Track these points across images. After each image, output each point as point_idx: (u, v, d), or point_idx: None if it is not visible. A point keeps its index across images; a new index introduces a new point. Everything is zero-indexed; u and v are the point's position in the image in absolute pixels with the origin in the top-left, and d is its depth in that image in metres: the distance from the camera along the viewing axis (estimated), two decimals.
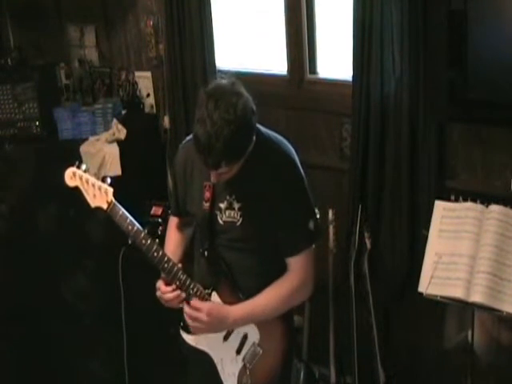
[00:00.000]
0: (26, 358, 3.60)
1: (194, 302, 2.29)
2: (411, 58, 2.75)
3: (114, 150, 3.48)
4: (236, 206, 2.25)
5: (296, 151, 2.30)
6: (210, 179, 2.23)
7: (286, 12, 3.36)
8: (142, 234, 2.29)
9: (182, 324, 2.41)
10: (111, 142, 3.53)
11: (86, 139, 3.55)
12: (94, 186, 2.29)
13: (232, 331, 2.35)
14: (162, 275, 2.35)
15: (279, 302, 2.28)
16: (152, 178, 3.77)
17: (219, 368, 2.38)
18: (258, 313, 2.28)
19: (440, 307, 2.81)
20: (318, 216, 2.36)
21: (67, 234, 3.56)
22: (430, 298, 2.40)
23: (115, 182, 2.33)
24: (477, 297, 2.30)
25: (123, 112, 3.82)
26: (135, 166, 3.61)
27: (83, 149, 3.49)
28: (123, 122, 3.64)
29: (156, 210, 3.43)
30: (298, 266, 2.27)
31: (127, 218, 2.28)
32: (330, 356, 3.13)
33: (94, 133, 3.60)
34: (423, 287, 2.41)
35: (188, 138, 2.38)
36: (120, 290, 3.34)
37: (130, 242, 3.31)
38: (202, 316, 2.24)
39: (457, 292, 2.34)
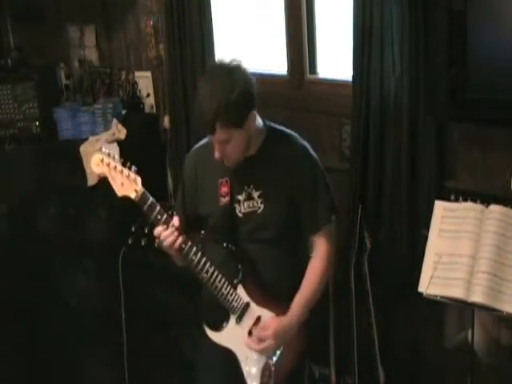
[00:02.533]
0: (25, 358, 3.60)
1: (257, 330, 2.35)
2: (411, 58, 2.75)
3: (113, 150, 3.48)
4: (255, 194, 2.34)
5: None
6: (223, 176, 2.33)
7: (286, 12, 3.36)
8: (172, 223, 2.29)
9: (206, 320, 2.43)
10: (111, 141, 3.53)
11: (86, 139, 3.55)
12: (122, 173, 2.24)
13: (257, 323, 2.37)
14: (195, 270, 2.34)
15: (319, 283, 2.41)
16: (152, 178, 3.75)
17: (243, 365, 2.39)
18: (310, 300, 2.39)
19: (440, 307, 2.81)
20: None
21: (67, 234, 3.56)
22: (430, 297, 2.40)
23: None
24: (477, 297, 2.29)
25: (123, 112, 3.82)
26: (135, 166, 3.61)
27: (83, 149, 3.49)
28: (123, 122, 3.64)
29: None
30: (322, 240, 2.41)
31: (156, 207, 2.26)
32: (330, 356, 3.13)
33: (94, 133, 3.60)
34: (423, 287, 2.40)
35: (195, 146, 2.50)
36: (120, 290, 3.34)
37: (130, 242, 3.34)
38: (269, 333, 2.31)
39: (457, 292, 2.34)
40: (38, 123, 3.62)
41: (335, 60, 3.35)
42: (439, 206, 2.52)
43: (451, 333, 2.95)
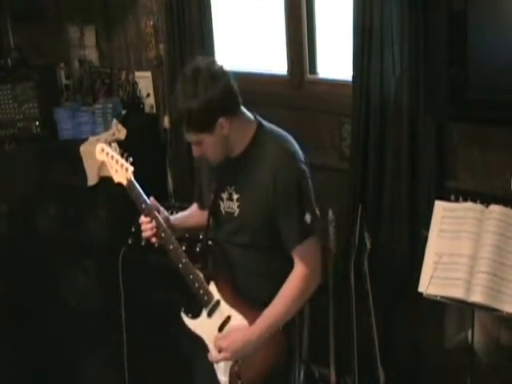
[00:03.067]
0: (25, 358, 3.60)
1: (216, 338, 2.37)
2: (411, 58, 2.75)
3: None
4: (235, 196, 2.35)
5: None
6: (214, 171, 2.38)
7: (286, 12, 3.36)
8: (153, 214, 2.40)
9: (183, 309, 2.51)
10: (111, 141, 3.52)
11: (86, 139, 3.55)
12: (117, 162, 2.48)
13: (227, 322, 2.39)
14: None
15: (293, 301, 2.33)
16: (152, 178, 3.75)
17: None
18: (279, 319, 2.33)
19: (440, 307, 2.81)
20: (317, 211, 2.36)
21: (67, 234, 3.56)
22: (430, 297, 2.40)
23: (115, 182, 2.40)
24: (477, 297, 2.30)
25: (123, 112, 3.82)
26: (135, 166, 3.60)
27: (83, 149, 3.49)
28: (123, 122, 3.63)
29: None
30: (300, 257, 2.32)
31: (141, 196, 2.43)
32: (330, 356, 3.13)
33: (94, 133, 3.60)
34: (423, 287, 2.41)
35: None
36: (120, 289, 3.34)
37: (130, 242, 3.34)
38: (224, 345, 2.32)
39: (457, 292, 2.34)
40: (38, 123, 3.62)
41: (335, 60, 3.35)
42: (439, 206, 2.52)
43: (451, 333, 2.95)
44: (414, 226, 2.91)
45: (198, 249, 2.70)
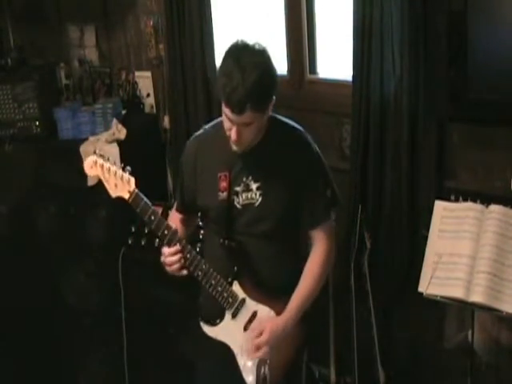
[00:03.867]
0: (25, 358, 3.60)
1: (252, 327, 2.33)
2: (411, 58, 2.75)
3: (113, 150, 3.48)
4: (254, 186, 2.31)
5: None
6: (224, 170, 2.30)
7: (286, 12, 3.36)
8: (165, 224, 2.29)
9: (202, 315, 2.44)
10: (111, 142, 3.53)
11: (86, 139, 3.55)
12: (115, 175, 2.25)
13: (253, 318, 2.36)
14: (183, 263, 2.35)
15: (317, 280, 2.37)
16: (152, 178, 3.77)
17: (238, 359, 2.38)
18: (309, 298, 2.36)
19: (440, 307, 2.81)
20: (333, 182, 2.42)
21: (67, 234, 3.56)
22: (430, 297, 2.40)
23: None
24: (477, 297, 2.30)
25: (123, 112, 3.82)
26: (135, 166, 3.60)
27: (83, 149, 3.48)
28: (123, 121, 3.63)
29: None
30: (321, 235, 2.37)
31: (150, 208, 2.27)
32: (330, 356, 3.13)
33: (93, 133, 3.60)
34: (423, 287, 2.41)
35: (196, 134, 2.46)
36: (120, 289, 3.34)
37: (130, 242, 3.34)
38: (264, 340, 2.28)
39: (457, 292, 2.34)
40: (38, 123, 3.62)
41: (335, 60, 3.35)
42: (439, 205, 2.52)
43: (451, 333, 2.95)
44: (413, 226, 2.92)
45: (197, 249, 2.66)
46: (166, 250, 2.33)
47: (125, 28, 3.94)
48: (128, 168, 2.27)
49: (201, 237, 3.09)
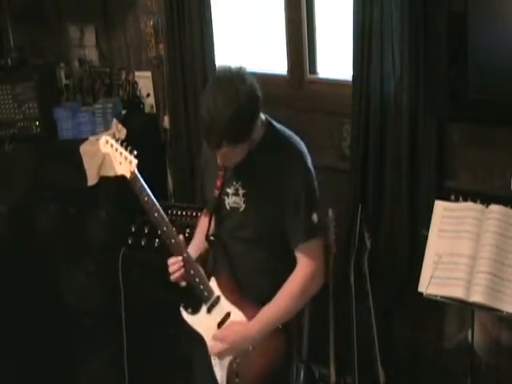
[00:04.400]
0: (25, 358, 3.60)
1: (222, 327, 2.38)
2: (411, 58, 2.75)
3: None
4: (241, 192, 2.35)
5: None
6: (221, 169, 2.36)
7: (286, 12, 3.36)
8: (155, 207, 2.43)
9: (183, 301, 2.54)
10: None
11: (86, 139, 3.55)
12: (121, 154, 2.51)
13: (227, 318, 2.40)
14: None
15: (295, 299, 2.34)
16: (152, 178, 3.76)
17: (212, 356, 2.43)
18: (280, 316, 2.34)
19: (440, 307, 2.81)
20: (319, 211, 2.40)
21: (67, 234, 3.56)
22: (429, 297, 2.40)
23: (115, 182, 2.40)
24: (477, 297, 2.30)
25: (123, 112, 3.82)
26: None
27: (83, 149, 3.48)
28: (123, 122, 3.63)
29: None
30: (304, 257, 2.33)
31: (145, 190, 2.45)
32: (330, 356, 3.13)
33: (94, 133, 3.60)
34: (423, 287, 2.41)
35: None
36: (120, 289, 3.34)
37: (130, 242, 3.34)
38: (223, 342, 2.35)
39: (457, 292, 2.34)
40: (38, 123, 3.61)
41: (335, 60, 3.35)
42: (439, 205, 2.52)
43: (451, 333, 2.95)
44: (413, 226, 2.91)
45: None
46: (172, 259, 2.44)
47: (125, 28, 3.94)
48: (134, 152, 2.50)
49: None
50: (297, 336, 2.54)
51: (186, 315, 2.51)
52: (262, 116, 2.34)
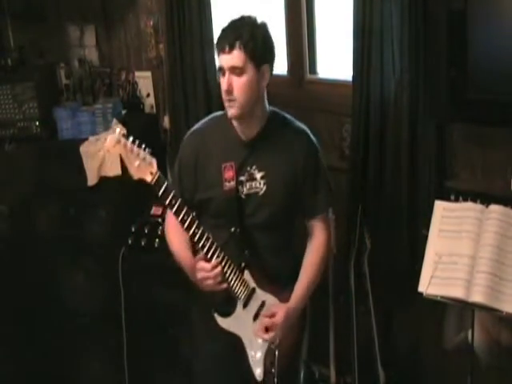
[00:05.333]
0: (25, 358, 3.60)
1: (263, 314, 2.39)
2: (411, 59, 2.75)
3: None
4: (258, 175, 2.36)
5: None
6: (229, 160, 2.32)
7: (286, 12, 3.36)
8: (185, 209, 2.22)
9: (215, 307, 2.44)
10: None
11: (86, 139, 3.55)
12: (138, 155, 2.15)
13: (261, 309, 2.41)
14: (200, 255, 2.33)
15: (321, 266, 2.47)
16: None
17: (248, 350, 2.41)
18: (308, 291, 2.44)
19: (440, 307, 2.81)
20: None
21: (67, 234, 3.56)
22: (430, 297, 2.40)
23: (115, 182, 2.35)
24: (477, 297, 2.29)
25: (123, 112, 3.82)
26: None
27: (83, 149, 3.49)
28: (123, 122, 3.62)
29: (156, 210, 3.42)
30: (322, 225, 2.48)
31: (171, 191, 2.20)
32: (330, 356, 3.13)
33: (94, 133, 3.60)
34: (423, 287, 2.40)
35: (193, 129, 2.48)
36: (120, 289, 3.34)
37: (130, 242, 3.34)
38: (277, 321, 2.36)
39: (457, 292, 2.34)
40: (38, 123, 3.62)
41: (335, 60, 3.35)
42: (439, 205, 2.51)
43: (451, 333, 2.94)
44: (413, 226, 2.91)
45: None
46: (202, 264, 2.29)
47: (125, 28, 3.94)
48: (148, 149, 2.19)
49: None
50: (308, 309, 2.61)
51: (221, 320, 2.40)
52: (266, 103, 2.41)
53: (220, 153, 2.36)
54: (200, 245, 2.27)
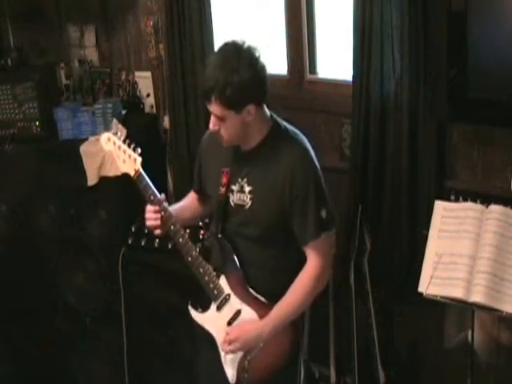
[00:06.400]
0: (25, 358, 3.60)
1: (234, 324, 2.38)
2: (411, 58, 2.75)
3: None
4: (247, 189, 2.35)
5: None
6: (226, 166, 2.37)
7: (286, 12, 3.36)
8: (163, 205, 2.41)
9: (191, 302, 2.51)
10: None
11: (86, 139, 3.55)
12: (125, 152, 2.45)
13: (237, 316, 2.39)
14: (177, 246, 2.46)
15: (307, 295, 2.35)
16: (152, 178, 3.76)
17: (221, 350, 2.42)
18: (291, 313, 2.35)
19: (440, 307, 2.81)
20: (331, 207, 2.39)
21: (67, 234, 3.56)
22: (429, 297, 2.40)
23: (115, 182, 2.39)
24: (477, 297, 2.29)
25: (123, 112, 3.82)
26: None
27: (83, 149, 3.49)
28: (123, 121, 3.64)
29: None
30: (314, 253, 2.34)
31: (150, 187, 2.43)
32: (330, 356, 3.13)
33: (94, 133, 3.60)
34: (423, 287, 2.40)
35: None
36: (120, 289, 3.34)
37: (130, 242, 3.34)
38: (233, 337, 2.34)
39: (457, 292, 2.34)
40: (38, 123, 3.62)
41: (335, 60, 3.35)
42: (439, 205, 2.52)
43: (451, 333, 2.94)
44: (413, 226, 2.91)
45: (198, 249, 2.68)
46: (149, 206, 2.44)
47: (125, 28, 3.94)
48: (138, 149, 2.44)
49: (201, 237, 3.10)
50: (302, 332, 2.53)
51: (194, 314, 2.49)
52: (267, 112, 2.36)
53: (223, 157, 2.39)
54: (175, 240, 2.42)
